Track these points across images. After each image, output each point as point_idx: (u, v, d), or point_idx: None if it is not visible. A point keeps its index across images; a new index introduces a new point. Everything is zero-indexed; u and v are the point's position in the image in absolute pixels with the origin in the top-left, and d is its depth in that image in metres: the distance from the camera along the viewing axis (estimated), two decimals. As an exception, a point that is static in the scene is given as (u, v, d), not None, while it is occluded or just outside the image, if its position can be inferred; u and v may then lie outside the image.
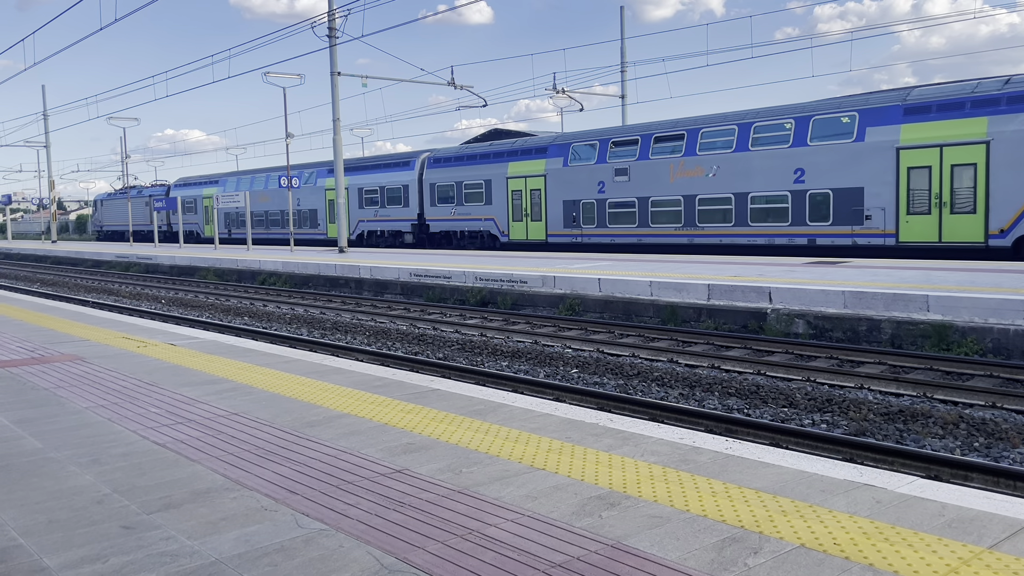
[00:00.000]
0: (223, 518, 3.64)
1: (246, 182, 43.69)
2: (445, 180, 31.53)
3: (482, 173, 30.03)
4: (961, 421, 7.53)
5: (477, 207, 30.25)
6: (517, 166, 28.64)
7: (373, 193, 35.09)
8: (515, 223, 28.83)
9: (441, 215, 31.72)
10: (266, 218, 42.13)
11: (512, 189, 28.78)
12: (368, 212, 35.42)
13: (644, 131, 25.03)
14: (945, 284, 12.54)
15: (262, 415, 5.60)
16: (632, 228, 25.16)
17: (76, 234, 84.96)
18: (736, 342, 11.68)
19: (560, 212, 27.23)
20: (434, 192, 31.95)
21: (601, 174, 25.86)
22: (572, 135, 27.75)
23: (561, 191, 27.10)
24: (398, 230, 33.92)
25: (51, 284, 28.33)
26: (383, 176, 34.74)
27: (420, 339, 13.25)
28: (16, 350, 8.86)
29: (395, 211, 34.00)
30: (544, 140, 28.61)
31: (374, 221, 35.08)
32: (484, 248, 30.09)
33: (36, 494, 4.04)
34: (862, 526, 3.37)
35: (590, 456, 4.47)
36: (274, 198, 41.21)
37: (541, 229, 27.98)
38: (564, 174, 27.05)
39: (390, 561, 3.13)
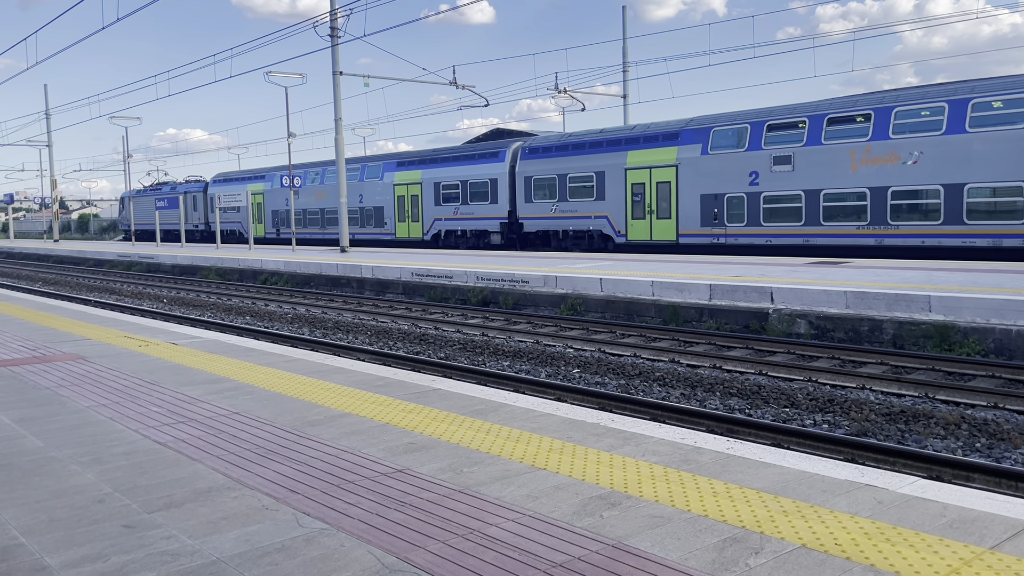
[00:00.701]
0: (224, 517, 3.65)
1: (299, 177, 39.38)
2: (544, 172, 27.61)
3: (593, 164, 26.08)
4: (963, 422, 7.53)
5: (585, 203, 26.31)
6: (639, 155, 24.73)
7: (452, 188, 31.19)
8: (635, 221, 24.95)
9: (538, 212, 27.88)
10: (322, 216, 38.12)
11: (632, 182, 24.85)
12: (446, 209, 31.47)
13: (811, 111, 21.23)
14: (947, 284, 12.53)
15: (263, 414, 5.60)
16: (796, 226, 21.28)
17: (78, 233, 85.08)
18: (738, 342, 11.67)
19: (696, 208, 23.34)
20: (529, 186, 28.14)
21: (753, 163, 22.00)
22: (711, 118, 23.57)
23: (698, 183, 23.22)
24: (483, 230, 30.09)
25: (53, 283, 28.36)
26: (465, 169, 30.80)
27: (422, 339, 13.25)
28: (18, 349, 8.87)
29: (480, 208, 30.16)
30: (674, 125, 24.43)
31: (453, 220, 31.22)
32: (593, 251, 26.19)
33: (37, 493, 4.04)
34: (863, 526, 3.37)
35: (591, 456, 4.47)
36: (333, 194, 36.28)
37: (670, 228, 24.10)
38: (702, 164, 23.13)
39: (391, 560, 3.13)
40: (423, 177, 32.33)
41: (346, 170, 33.64)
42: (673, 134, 24.11)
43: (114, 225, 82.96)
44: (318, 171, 38.72)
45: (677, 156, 23.87)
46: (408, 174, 33.28)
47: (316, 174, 38.68)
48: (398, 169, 33.77)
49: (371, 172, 35.17)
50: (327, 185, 37.60)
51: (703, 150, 23.27)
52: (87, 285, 26.67)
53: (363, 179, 35.29)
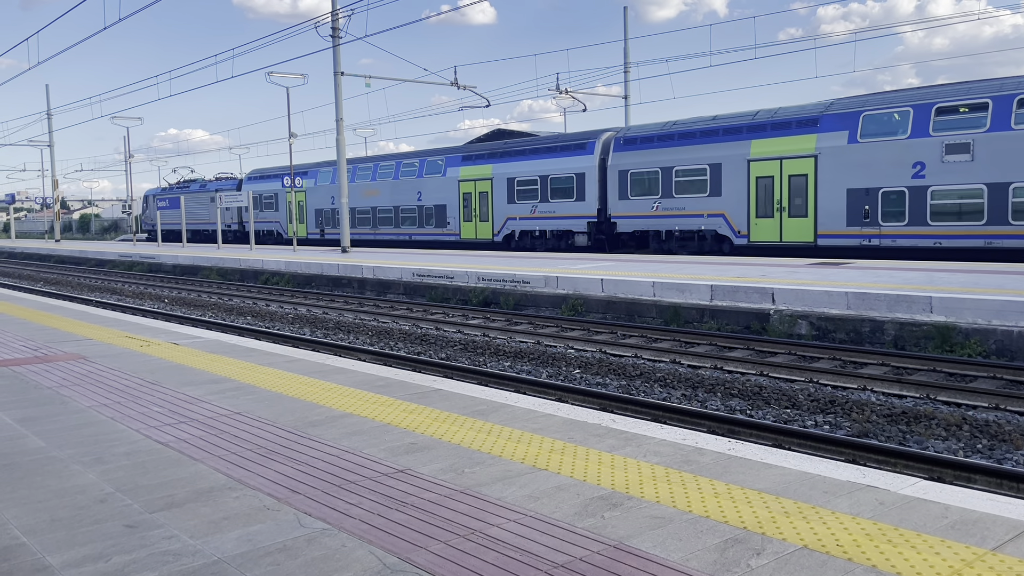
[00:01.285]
0: (225, 517, 3.65)
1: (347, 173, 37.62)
2: (643, 166, 24.64)
3: (706, 155, 23.18)
4: (964, 423, 7.52)
5: (697, 199, 23.40)
6: (766, 145, 21.87)
7: (530, 184, 28.21)
8: (760, 220, 22.10)
9: (635, 211, 24.85)
10: (373, 215, 34.95)
11: (757, 175, 21.96)
12: (521, 208, 28.51)
13: (996, 91, 18.31)
14: (948, 286, 12.52)
15: (265, 414, 5.60)
16: (976, 226, 18.35)
17: (80, 233, 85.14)
18: (739, 343, 11.67)
19: (841, 204, 20.46)
20: (625, 181, 25.12)
21: (918, 152, 19.16)
22: (859, 100, 20.81)
23: (844, 176, 20.35)
24: (566, 230, 27.19)
25: (54, 283, 28.37)
26: (545, 163, 27.87)
27: (423, 339, 13.25)
28: (20, 349, 8.87)
29: (562, 206, 27.18)
30: (811, 109, 21.58)
31: (530, 219, 28.25)
32: (704, 253, 23.26)
33: (39, 493, 4.05)
34: (865, 527, 3.36)
35: (592, 457, 4.47)
36: (388, 191, 34.27)
37: (806, 228, 21.24)
38: (850, 153, 20.23)
39: (392, 561, 3.13)
40: (494, 172, 29.41)
41: (404, 165, 32.52)
42: (810, 120, 21.24)
43: (115, 225, 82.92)
44: (368, 166, 35.84)
45: (816, 145, 20.88)
46: (476, 169, 30.35)
47: (366, 169, 35.77)
48: (464, 164, 30.81)
49: (431, 167, 32.22)
50: (380, 182, 34.64)
51: (850, 137, 20.34)
52: (88, 285, 26.68)
53: (422, 175, 32.39)
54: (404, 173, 33.31)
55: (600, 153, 26.37)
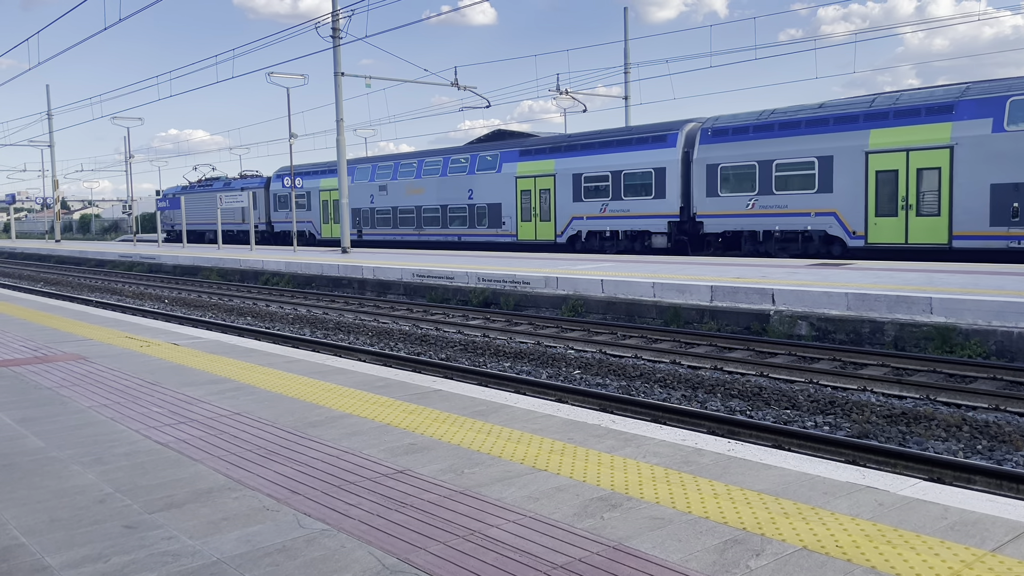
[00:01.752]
0: (225, 518, 3.65)
1: (387, 170, 34.47)
2: (736, 159, 22.40)
3: (814, 146, 20.94)
4: (964, 424, 7.52)
5: (802, 196, 21.19)
6: (888, 135, 19.73)
7: (599, 181, 25.89)
8: (881, 219, 19.88)
9: (726, 209, 22.61)
10: (418, 215, 32.76)
11: (878, 169, 19.77)
12: (589, 206, 26.20)
13: None
14: (948, 286, 12.52)
15: (264, 415, 5.60)
16: None
17: (80, 233, 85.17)
18: (739, 344, 11.67)
19: (983, 201, 18.24)
20: (714, 177, 22.87)
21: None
22: (1003, 84, 18.57)
23: (988, 169, 18.14)
24: (642, 230, 24.97)
25: (54, 283, 28.38)
26: (617, 157, 25.54)
27: (422, 340, 13.26)
28: (19, 349, 8.87)
29: (638, 204, 24.87)
30: (943, 94, 19.51)
31: (599, 219, 25.90)
32: (809, 256, 21.23)
33: (38, 493, 4.05)
34: (864, 528, 3.36)
35: (592, 457, 4.47)
36: (433, 189, 31.94)
37: (938, 228, 19.00)
38: (994, 144, 17.99)
39: (392, 562, 3.13)
40: (557, 168, 27.16)
41: (453, 161, 30.51)
42: (943, 106, 19.10)
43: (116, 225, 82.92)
44: (411, 163, 33.45)
45: (952, 134, 18.69)
46: (536, 164, 28.18)
47: (409, 166, 33.39)
48: (522, 159, 28.52)
49: (484, 163, 29.96)
50: (425, 179, 32.25)
51: (995, 126, 18.11)
52: (88, 285, 26.69)
53: (473, 171, 30.18)
54: (453, 170, 31.27)
55: (683, 146, 24.01)
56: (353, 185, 35.27)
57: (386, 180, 34.01)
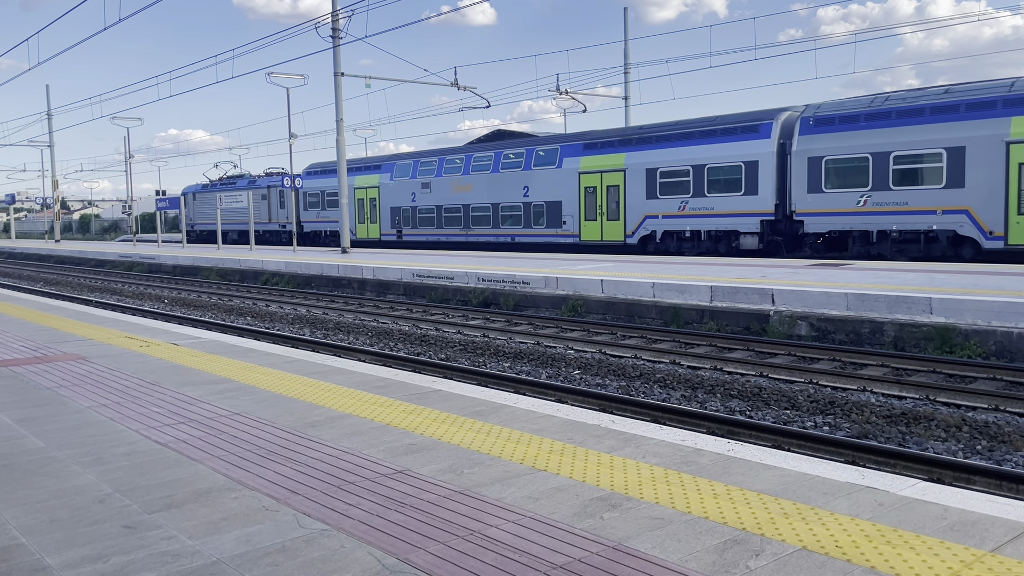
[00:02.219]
0: (224, 518, 3.65)
1: (430, 166, 32.20)
2: (845, 151, 20.22)
3: (940, 136, 18.80)
4: (964, 424, 7.52)
5: (926, 192, 19.04)
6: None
7: (678, 176, 23.66)
8: (1022, 218, 17.78)
9: (832, 206, 20.50)
10: (465, 214, 30.56)
11: (1021, 161, 17.63)
12: (666, 204, 23.98)
13: None
14: (948, 287, 12.52)
15: (264, 415, 5.60)
16: None
17: (80, 234, 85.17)
18: (738, 344, 11.67)
19: None
20: (817, 171, 20.72)
21: None
22: None
23: None
24: (729, 230, 22.79)
25: (54, 283, 28.37)
26: (700, 150, 23.37)
27: (422, 340, 13.25)
28: (19, 349, 8.87)
29: (724, 201, 22.71)
30: None
31: (678, 217, 23.71)
32: (931, 259, 19.30)
33: (38, 493, 4.04)
34: (864, 528, 3.36)
35: (592, 457, 4.47)
36: (483, 186, 29.67)
37: None
38: None
39: (391, 562, 3.13)
40: (627, 162, 24.91)
41: (506, 156, 28.58)
42: None
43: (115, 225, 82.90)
44: (458, 158, 31.31)
45: None
46: (602, 159, 25.93)
47: (455, 162, 31.24)
48: (585, 153, 26.35)
49: (542, 158, 27.84)
50: (474, 176, 29.97)
51: None
52: (88, 285, 26.68)
53: (529, 167, 28.03)
54: (506, 165, 29.10)
55: (779, 136, 21.85)
56: (392, 183, 33.66)
57: (430, 177, 31.88)
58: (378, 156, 36.98)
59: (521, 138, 32.41)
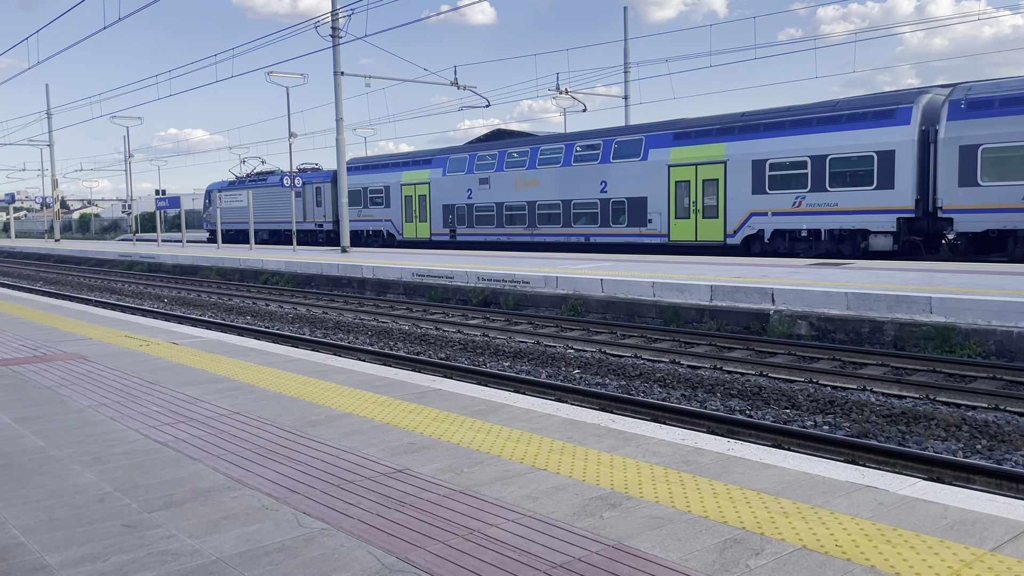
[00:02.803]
0: (224, 517, 3.64)
1: (489, 160, 29.63)
2: (1011, 137, 17.40)
3: None
4: (964, 423, 7.52)
5: None
6: None
7: (792, 168, 21.01)
8: None
9: (990, 201, 17.77)
10: (531, 212, 28.01)
11: None
12: (777, 200, 21.36)
13: None
14: (948, 286, 12.52)
15: (264, 414, 5.60)
16: None
17: (79, 233, 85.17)
18: (738, 343, 11.66)
19: None
20: (971, 160, 17.94)
21: None
22: None
23: None
24: (857, 229, 20.21)
25: (54, 283, 28.37)
26: (820, 138, 20.71)
27: (422, 339, 13.25)
28: (19, 348, 8.87)
29: (851, 197, 20.13)
30: None
31: (793, 215, 21.12)
32: None
33: (37, 492, 4.04)
34: (864, 528, 3.36)
35: (592, 457, 4.47)
36: (551, 181, 27.15)
37: None
38: None
39: (391, 561, 3.13)
40: (729, 153, 22.35)
41: (579, 148, 26.26)
42: None
43: (115, 225, 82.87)
44: (521, 151, 28.60)
45: None
46: (697, 150, 23.37)
47: (519, 155, 28.55)
48: (677, 143, 23.77)
49: (623, 150, 25.16)
50: (541, 170, 27.44)
51: None
52: (88, 285, 26.68)
53: (608, 159, 25.45)
54: (580, 158, 26.62)
55: (920, 122, 19.28)
56: (445, 178, 31.23)
57: (488, 172, 29.30)
58: (428, 150, 33.92)
59: (523, 137, 32.31)
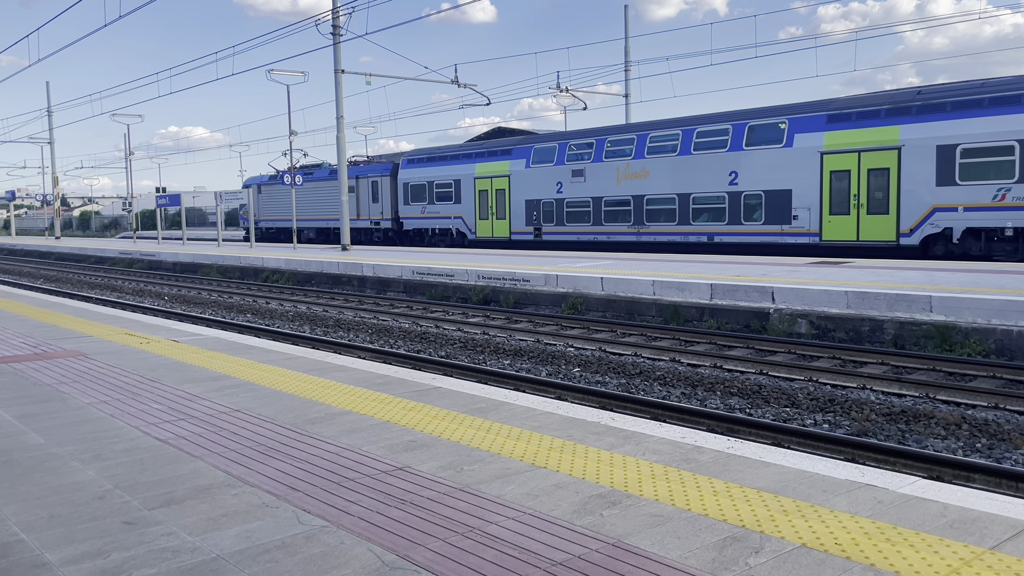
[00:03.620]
0: (224, 514, 3.65)
1: (583, 149, 25.83)
2: None
3: None
4: (963, 422, 7.52)
5: None
6: None
7: (992, 155, 17.56)
8: None
9: None
10: (636, 208, 24.19)
11: None
12: (970, 192, 17.94)
13: None
14: (948, 285, 12.52)
15: (264, 412, 5.60)
16: None
17: (80, 230, 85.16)
18: (738, 342, 11.66)
19: None
20: None
21: None
22: None
23: None
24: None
25: (54, 280, 28.36)
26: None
27: (422, 337, 13.25)
28: (19, 346, 8.87)
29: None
30: None
31: (993, 210, 17.64)
32: None
33: (38, 489, 4.05)
34: (864, 526, 3.37)
35: (591, 455, 4.47)
36: (666, 173, 23.53)
37: None
38: None
39: (391, 558, 3.13)
40: (904, 137, 18.87)
41: (701, 134, 23.06)
42: None
43: (115, 222, 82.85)
44: (626, 139, 24.81)
45: None
46: (860, 134, 19.87)
47: (623, 143, 24.85)
48: (831, 127, 20.34)
49: (760, 135, 21.75)
50: (650, 160, 23.80)
51: None
52: (88, 282, 26.68)
53: (739, 146, 22.08)
54: (701, 145, 23.12)
55: None
56: (528, 171, 27.57)
57: (583, 163, 25.75)
58: (508, 139, 30.25)
59: (525, 135, 32.19)
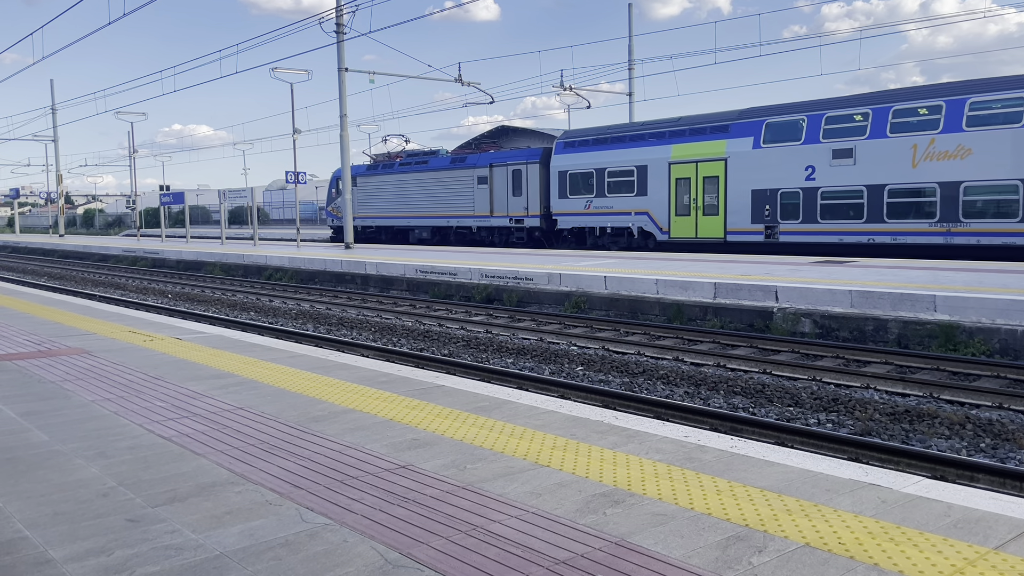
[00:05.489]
0: (228, 512, 3.65)
1: (853, 121, 19.79)
2: None
3: None
4: (967, 422, 7.51)
5: None
6: None
7: None
8: None
9: None
10: (943, 200, 18.28)
11: None
12: None
13: None
14: (952, 284, 12.49)
15: (267, 410, 5.61)
16: None
17: (83, 228, 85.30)
18: (742, 341, 11.65)
19: None
20: None
21: None
22: None
23: None
24: None
25: (58, 278, 28.42)
26: None
27: (425, 335, 13.26)
28: (23, 343, 8.89)
29: None
30: None
31: None
32: None
33: (42, 486, 4.05)
34: (867, 526, 3.36)
35: (595, 453, 4.47)
36: (996, 152, 17.44)
37: None
38: None
39: (394, 556, 3.13)
40: None
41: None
42: None
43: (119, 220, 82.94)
44: (921, 105, 18.81)
45: None
46: None
47: (915, 108, 18.85)
48: None
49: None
50: (969, 134, 17.81)
51: None
52: (92, 280, 26.72)
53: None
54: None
55: None
56: (758, 152, 21.50)
57: (852, 139, 19.66)
58: (724, 112, 23.08)
59: (526, 134, 32.10)
